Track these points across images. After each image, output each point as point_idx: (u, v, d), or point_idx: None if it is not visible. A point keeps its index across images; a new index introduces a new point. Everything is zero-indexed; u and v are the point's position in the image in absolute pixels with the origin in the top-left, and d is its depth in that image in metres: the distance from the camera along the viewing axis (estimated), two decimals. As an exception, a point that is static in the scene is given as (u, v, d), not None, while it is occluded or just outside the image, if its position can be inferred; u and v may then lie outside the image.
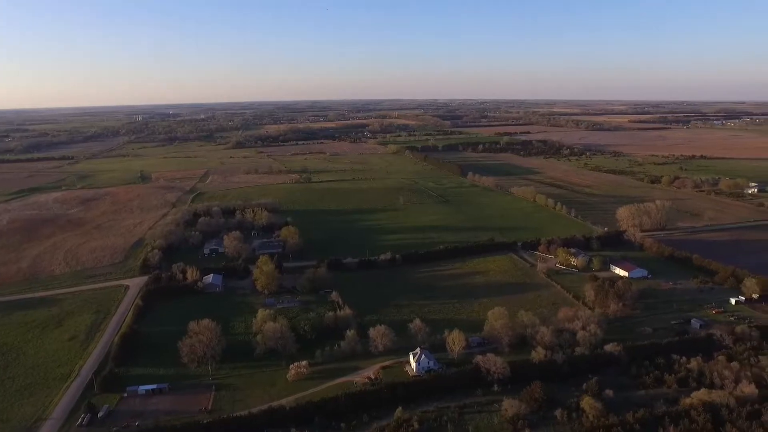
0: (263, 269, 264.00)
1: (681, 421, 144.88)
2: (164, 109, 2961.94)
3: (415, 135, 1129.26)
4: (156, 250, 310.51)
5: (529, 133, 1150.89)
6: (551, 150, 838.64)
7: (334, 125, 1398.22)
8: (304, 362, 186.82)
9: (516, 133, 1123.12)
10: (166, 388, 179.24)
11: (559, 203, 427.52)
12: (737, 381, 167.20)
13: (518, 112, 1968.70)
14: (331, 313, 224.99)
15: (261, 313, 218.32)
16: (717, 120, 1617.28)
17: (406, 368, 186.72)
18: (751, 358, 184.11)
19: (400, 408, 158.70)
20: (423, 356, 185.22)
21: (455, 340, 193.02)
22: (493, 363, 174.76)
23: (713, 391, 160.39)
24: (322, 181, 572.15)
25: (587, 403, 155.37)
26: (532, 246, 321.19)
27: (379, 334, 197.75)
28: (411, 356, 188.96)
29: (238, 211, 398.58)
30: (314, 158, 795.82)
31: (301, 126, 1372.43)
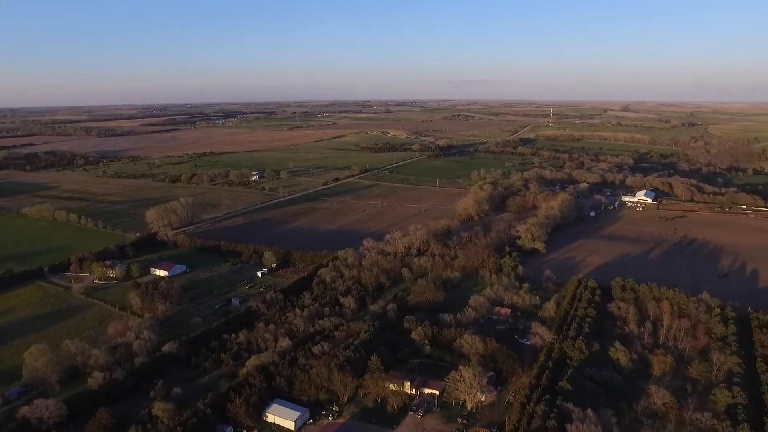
0: None
1: (243, 390, 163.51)
2: None
3: None
4: None
5: (32, 144, 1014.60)
6: (63, 161, 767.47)
7: None
8: None
9: (16, 145, 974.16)
10: None
11: (83, 216, 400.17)
12: (276, 339, 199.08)
13: (14, 122, 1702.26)
14: None
15: None
16: (218, 119, 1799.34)
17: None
18: (281, 317, 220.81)
19: None
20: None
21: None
22: (44, 408, 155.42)
23: (261, 354, 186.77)
24: None
25: (159, 408, 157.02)
26: (63, 268, 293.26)
27: None
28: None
29: None
30: None
31: None
